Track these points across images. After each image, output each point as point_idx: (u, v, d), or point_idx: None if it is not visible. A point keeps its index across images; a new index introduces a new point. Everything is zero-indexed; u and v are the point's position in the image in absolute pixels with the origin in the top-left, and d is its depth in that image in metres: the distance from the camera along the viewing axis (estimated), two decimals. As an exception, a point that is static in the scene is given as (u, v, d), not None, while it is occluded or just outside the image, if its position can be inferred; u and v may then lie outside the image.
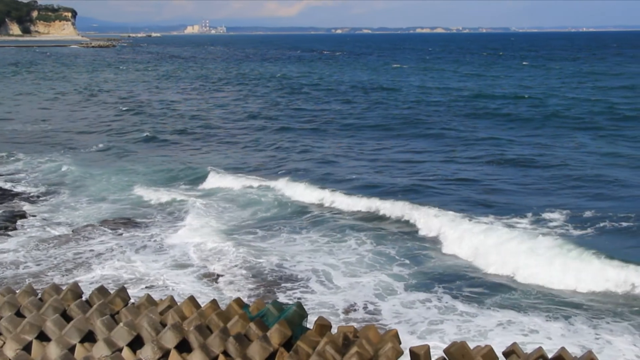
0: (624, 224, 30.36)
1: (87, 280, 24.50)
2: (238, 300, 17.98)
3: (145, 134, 61.77)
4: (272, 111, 78.71)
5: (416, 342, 18.61)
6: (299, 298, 23.12)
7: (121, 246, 29.19)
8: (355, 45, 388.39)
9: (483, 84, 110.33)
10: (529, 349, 16.39)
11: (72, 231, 31.46)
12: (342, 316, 21.90)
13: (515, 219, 31.39)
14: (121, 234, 30.98)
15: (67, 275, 25.49)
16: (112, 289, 18.85)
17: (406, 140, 56.58)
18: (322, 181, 40.19)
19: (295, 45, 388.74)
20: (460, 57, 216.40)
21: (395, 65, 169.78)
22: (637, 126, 60.65)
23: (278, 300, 20.46)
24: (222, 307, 17.85)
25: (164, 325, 16.40)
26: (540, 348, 15.50)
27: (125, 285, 19.37)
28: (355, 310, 22.41)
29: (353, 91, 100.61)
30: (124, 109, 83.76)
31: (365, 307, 22.58)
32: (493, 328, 20.63)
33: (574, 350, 17.47)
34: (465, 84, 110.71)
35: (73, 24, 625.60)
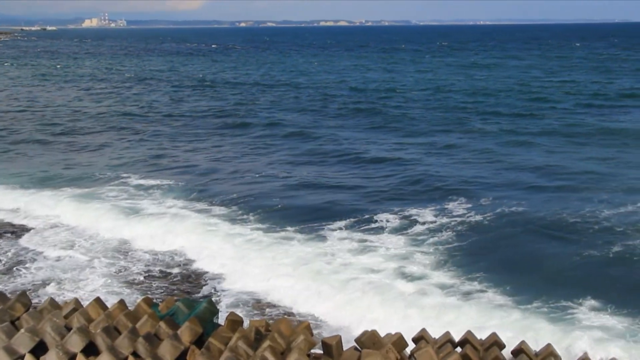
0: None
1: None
2: (147, 300, 17.62)
3: None
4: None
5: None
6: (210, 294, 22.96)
7: None
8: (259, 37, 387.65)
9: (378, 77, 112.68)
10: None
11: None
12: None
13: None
14: None
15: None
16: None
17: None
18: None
19: (188, 39, 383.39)
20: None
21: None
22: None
23: (189, 297, 20.19)
24: (131, 307, 17.47)
25: (69, 329, 15.88)
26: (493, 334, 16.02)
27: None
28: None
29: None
30: None
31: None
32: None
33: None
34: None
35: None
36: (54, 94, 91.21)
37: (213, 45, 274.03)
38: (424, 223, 30.26)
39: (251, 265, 25.58)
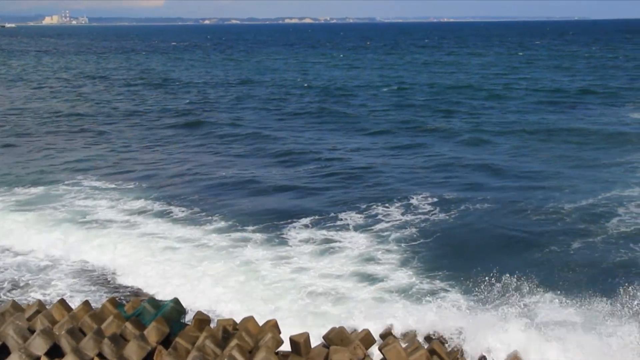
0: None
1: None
2: (112, 300, 17.42)
3: None
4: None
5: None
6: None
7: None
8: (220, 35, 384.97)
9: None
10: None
11: None
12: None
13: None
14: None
15: None
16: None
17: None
18: None
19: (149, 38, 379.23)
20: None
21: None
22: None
23: (154, 297, 19.98)
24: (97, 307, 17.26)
25: (32, 331, 15.62)
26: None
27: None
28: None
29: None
30: None
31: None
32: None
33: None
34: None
35: None
36: (1, 93, 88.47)
37: (173, 43, 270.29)
38: (388, 222, 30.40)
39: (201, 272, 24.85)
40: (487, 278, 24.05)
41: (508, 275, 24.42)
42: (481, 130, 53.90)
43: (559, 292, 22.55)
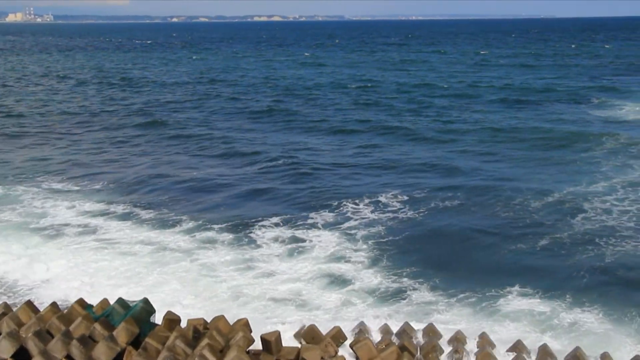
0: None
1: None
2: (80, 301, 17.22)
3: None
4: None
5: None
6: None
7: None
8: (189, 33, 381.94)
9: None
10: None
11: None
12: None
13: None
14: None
15: None
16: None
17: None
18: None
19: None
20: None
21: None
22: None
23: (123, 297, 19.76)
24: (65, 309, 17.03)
25: (-2, 334, 15.37)
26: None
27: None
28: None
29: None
30: None
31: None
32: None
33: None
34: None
35: None
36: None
37: (137, 41, 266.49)
38: (357, 220, 30.54)
39: (162, 277, 24.31)
40: (455, 274, 24.36)
41: (476, 271, 24.81)
42: (449, 130, 54.24)
43: (527, 286, 22.99)
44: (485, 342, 16.77)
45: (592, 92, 75.81)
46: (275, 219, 30.76)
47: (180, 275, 24.40)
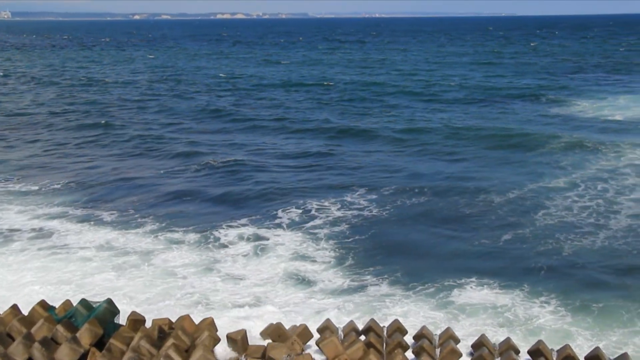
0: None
1: None
2: (42, 303, 16.94)
3: None
4: None
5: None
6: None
7: None
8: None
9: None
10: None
11: None
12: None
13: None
14: None
15: None
16: None
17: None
18: None
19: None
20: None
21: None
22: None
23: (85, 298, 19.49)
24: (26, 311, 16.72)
25: (-43, 337, 15.04)
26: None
27: None
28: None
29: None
30: None
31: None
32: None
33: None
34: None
35: None
36: None
37: (97, 39, 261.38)
38: (322, 219, 30.61)
39: (121, 281, 23.87)
40: (419, 270, 24.58)
41: (440, 266, 25.09)
42: (410, 129, 54.11)
43: (489, 280, 23.41)
44: (449, 337, 16.94)
45: (549, 90, 77.09)
46: (239, 220, 30.67)
47: (143, 276, 24.16)
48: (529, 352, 15.95)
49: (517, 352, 16.08)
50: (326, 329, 16.97)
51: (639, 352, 18.30)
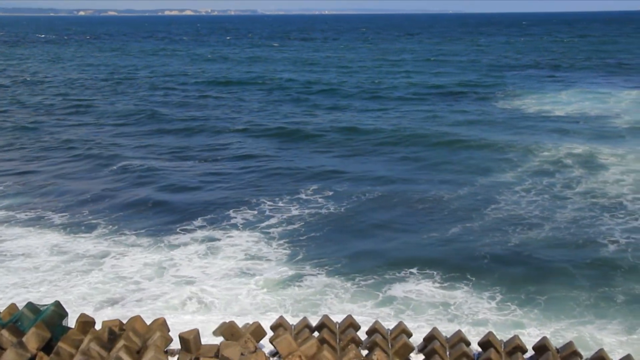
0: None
1: None
2: (-14, 307, 16.47)
3: None
4: None
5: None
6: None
7: None
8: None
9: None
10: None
11: None
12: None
13: None
14: None
15: None
16: None
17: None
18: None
19: None
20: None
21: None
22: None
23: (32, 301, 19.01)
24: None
25: None
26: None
27: None
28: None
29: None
30: None
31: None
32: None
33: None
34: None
35: None
36: None
37: (38, 35, 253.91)
38: (276, 217, 30.59)
39: (71, 286, 23.40)
40: (371, 266, 24.77)
41: (391, 261, 25.39)
42: (358, 130, 53.02)
43: (438, 272, 23.96)
44: (402, 331, 17.09)
45: (495, 87, 78.34)
46: (192, 221, 30.43)
47: (92, 280, 23.75)
48: (479, 344, 16.20)
49: (468, 344, 16.31)
50: (279, 326, 16.92)
51: (583, 340, 18.84)
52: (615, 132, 49.48)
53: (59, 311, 15.90)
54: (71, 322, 16.64)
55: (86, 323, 15.75)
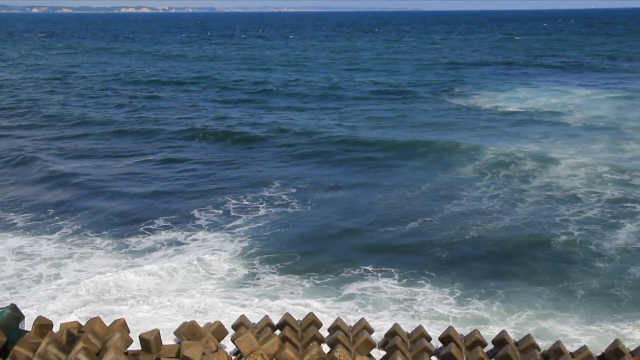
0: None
1: None
2: (-61, 312, 16.04)
3: None
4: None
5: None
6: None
7: None
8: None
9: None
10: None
11: None
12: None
13: None
14: None
15: None
16: None
17: None
18: None
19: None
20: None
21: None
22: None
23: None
24: None
25: None
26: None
27: None
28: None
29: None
30: None
31: None
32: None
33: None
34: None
35: None
36: None
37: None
38: (240, 217, 30.53)
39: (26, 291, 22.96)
40: (333, 263, 24.89)
41: (350, 256, 25.59)
42: (309, 131, 51.37)
43: (397, 267, 24.25)
44: (363, 328, 17.18)
45: (450, 84, 79.01)
46: (155, 221, 30.22)
47: (51, 282, 23.36)
48: (440, 339, 16.38)
49: (429, 339, 16.49)
50: (241, 325, 16.87)
51: (542, 332, 19.23)
52: (568, 128, 50.61)
53: (15, 314, 15.58)
54: (28, 325, 16.35)
55: (44, 326, 15.47)
